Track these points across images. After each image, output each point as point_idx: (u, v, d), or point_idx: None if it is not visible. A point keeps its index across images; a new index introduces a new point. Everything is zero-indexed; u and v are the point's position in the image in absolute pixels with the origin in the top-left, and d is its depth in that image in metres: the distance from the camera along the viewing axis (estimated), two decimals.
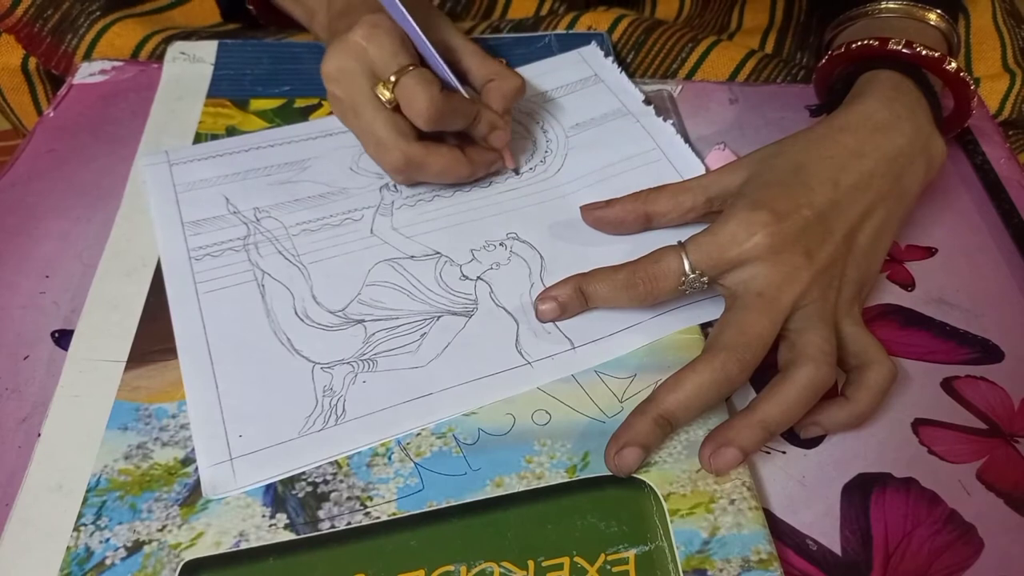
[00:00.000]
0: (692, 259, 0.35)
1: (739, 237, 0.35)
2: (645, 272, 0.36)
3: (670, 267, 0.36)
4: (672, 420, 0.33)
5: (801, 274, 0.34)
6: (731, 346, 0.33)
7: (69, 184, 0.44)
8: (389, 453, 0.33)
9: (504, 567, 0.30)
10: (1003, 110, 0.53)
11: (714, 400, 0.33)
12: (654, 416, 0.32)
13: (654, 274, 0.36)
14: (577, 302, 0.37)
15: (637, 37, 0.54)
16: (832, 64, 0.44)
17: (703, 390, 0.32)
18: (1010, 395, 0.37)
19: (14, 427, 0.34)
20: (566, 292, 0.37)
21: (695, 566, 0.30)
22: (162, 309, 0.37)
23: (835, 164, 0.37)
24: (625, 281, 0.36)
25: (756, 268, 0.35)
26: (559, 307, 0.37)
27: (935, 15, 0.43)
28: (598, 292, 0.37)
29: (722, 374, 0.32)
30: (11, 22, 0.52)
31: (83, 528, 0.30)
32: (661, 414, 0.32)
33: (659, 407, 0.33)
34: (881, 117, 0.39)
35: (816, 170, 0.37)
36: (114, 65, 0.51)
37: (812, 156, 0.38)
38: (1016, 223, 0.43)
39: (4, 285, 0.39)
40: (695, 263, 0.35)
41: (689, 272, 0.35)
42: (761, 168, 0.38)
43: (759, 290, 0.34)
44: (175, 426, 0.33)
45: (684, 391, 0.32)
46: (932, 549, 0.32)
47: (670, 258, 0.36)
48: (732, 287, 0.36)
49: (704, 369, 0.33)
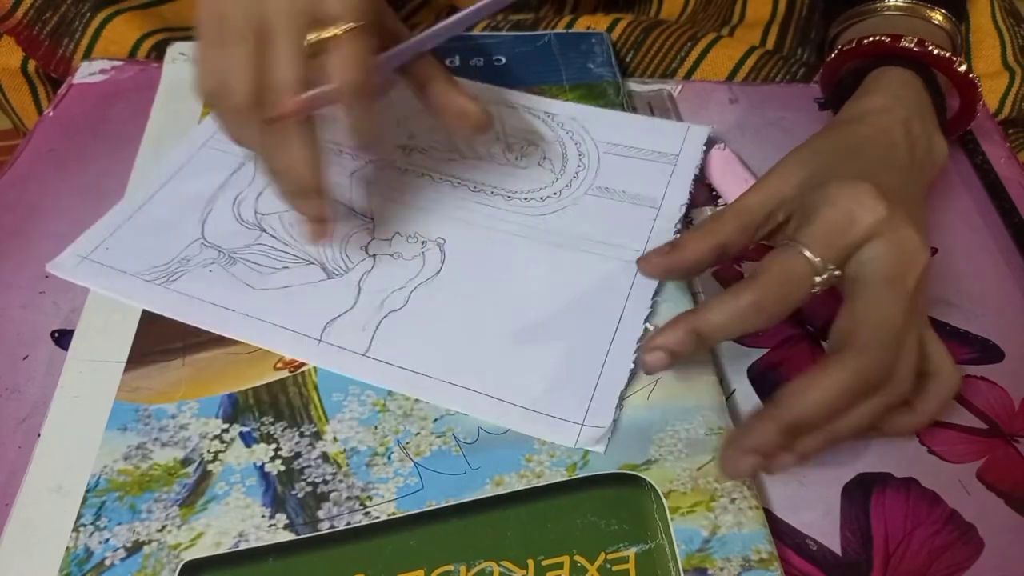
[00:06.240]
0: (817, 254, 0.31)
1: (856, 214, 0.31)
2: (775, 288, 0.31)
3: (798, 272, 0.31)
4: (802, 428, 0.30)
5: (920, 255, 0.31)
6: (874, 346, 0.30)
7: (69, 184, 0.44)
8: (389, 453, 0.33)
9: (504, 566, 0.30)
10: (1003, 109, 0.53)
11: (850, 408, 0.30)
12: (784, 424, 0.29)
13: (786, 286, 0.31)
14: (691, 345, 0.31)
15: (636, 37, 0.54)
16: (841, 59, 0.44)
17: (841, 396, 0.29)
18: (1010, 395, 0.37)
19: (14, 427, 0.34)
20: (676, 337, 0.31)
21: (695, 565, 0.30)
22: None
23: (882, 150, 0.36)
24: (753, 306, 0.31)
25: (878, 247, 0.31)
26: (669, 356, 0.31)
27: (940, 15, 0.43)
28: (718, 326, 0.31)
29: (865, 378, 0.30)
30: (11, 24, 0.52)
31: (83, 528, 0.30)
32: (792, 421, 0.29)
33: (790, 413, 0.30)
34: (893, 113, 0.38)
35: (869, 154, 0.35)
36: (114, 65, 0.51)
37: (857, 142, 0.36)
38: (1016, 223, 0.43)
39: (4, 285, 0.39)
40: (824, 258, 0.31)
41: (821, 270, 0.31)
42: (810, 159, 0.35)
43: (887, 274, 0.31)
44: (175, 426, 0.33)
45: (821, 395, 0.29)
46: (932, 549, 0.32)
47: (794, 262, 0.31)
48: (853, 273, 0.32)
49: (843, 372, 0.29)
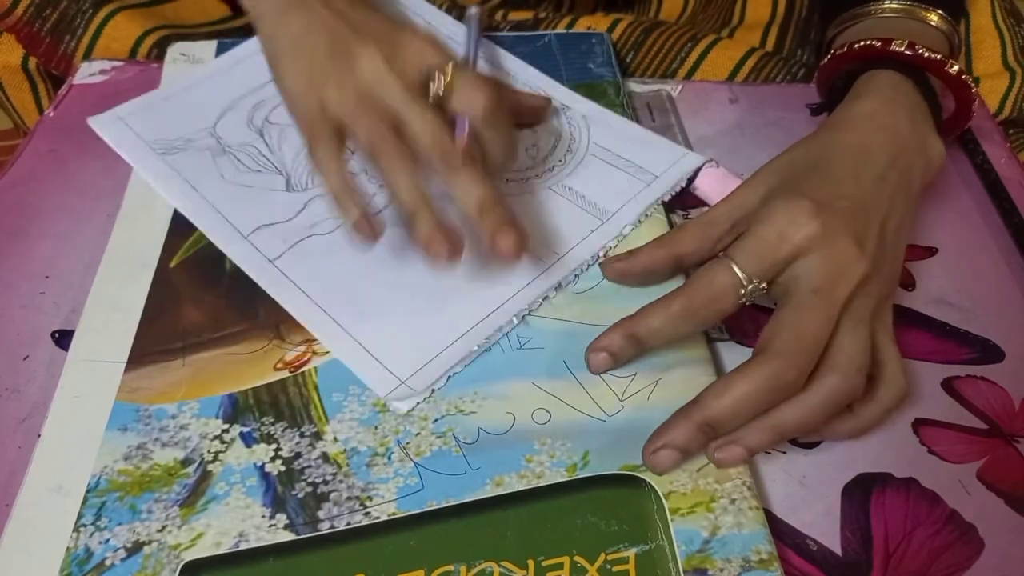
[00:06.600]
0: (745, 268, 0.33)
1: (787, 231, 0.33)
2: (701, 296, 0.33)
3: (724, 283, 0.33)
4: (717, 427, 0.31)
5: (855, 265, 0.33)
6: (788, 351, 0.31)
7: (69, 184, 0.44)
8: (389, 453, 0.33)
9: (504, 567, 0.30)
10: (1003, 109, 0.53)
11: (764, 408, 0.31)
12: (698, 421, 0.31)
13: (712, 296, 0.33)
14: (631, 349, 0.34)
15: (636, 37, 0.54)
16: (834, 63, 0.44)
17: (754, 397, 0.31)
18: (1010, 395, 0.37)
19: (14, 427, 0.34)
20: (616, 341, 0.34)
21: (695, 565, 0.30)
22: (162, 309, 0.37)
23: (852, 160, 0.36)
24: (683, 311, 0.33)
25: (810, 261, 0.33)
26: (611, 357, 0.34)
27: (936, 16, 0.43)
28: (653, 331, 0.34)
29: (777, 381, 0.31)
30: (11, 21, 0.52)
31: (83, 529, 0.30)
32: (706, 420, 0.31)
33: (705, 412, 0.31)
34: (880, 117, 0.38)
35: (836, 165, 0.36)
36: (114, 65, 0.51)
37: (828, 153, 0.37)
38: (1016, 223, 0.43)
39: (4, 285, 0.39)
40: (750, 272, 0.33)
41: (746, 283, 0.33)
42: (779, 171, 0.37)
43: (815, 286, 0.32)
44: (175, 427, 0.33)
45: (733, 397, 0.31)
46: (932, 549, 0.32)
47: (723, 275, 0.33)
48: (784, 283, 0.34)
49: (757, 376, 0.31)
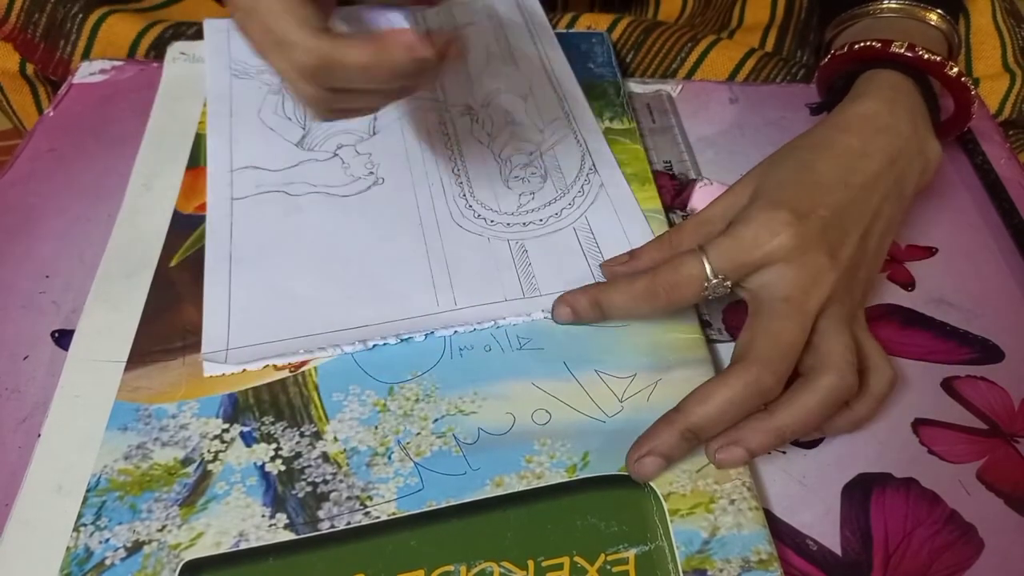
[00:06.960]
0: (714, 264, 0.34)
1: (761, 238, 0.34)
2: (666, 280, 0.35)
3: (692, 273, 0.34)
4: (699, 434, 0.32)
5: (827, 276, 0.34)
6: (765, 358, 0.32)
7: (69, 184, 0.44)
8: (389, 453, 0.33)
9: (504, 567, 0.30)
10: (1003, 110, 0.53)
11: (745, 414, 0.32)
12: (680, 428, 0.32)
13: (675, 282, 0.34)
14: (593, 313, 0.36)
15: (636, 37, 0.54)
16: (834, 64, 0.44)
17: (734, 404, 0.32)
18: (1010, 395, 0.37)
19: (14, 427, 0.34)
20: (583, 303, 0.36)
21: (695, 566, 0.30)
22: (162, 309, 0.37)
23: (843, 165, 0.37)
24: (645, 291, 0.35)
25: (780, 270, 0.34)
26: (573, 314, 0.36)
27: (936, 15, 0.43)
28: (615, 304, 0.36)
29: (756, 387, 0.32)
30: (7, 30, 0.52)
31: (83, 528, 0.30)
32: (688, 427, 0.32)
33: (687, 420, 0.32)
34: (881, 118, 0.39)
35: (825, 170, 0.37)
36: (114, 65, 0.51)
37: (819, 157, 0.37)
38: (1016, 223, 0.43)
39: (4, 285, 0.39)
40: (718, 268, 0.34)
41: (711, 277, 0.34)
42: (769, 172, 0.38)
43: (786, 294, 0.33)
44: (175, 426, 0.33)
45: (715, 404, 0.32)
46: (932, 549, 0.32)
47: (691, 264, 0.34)
48: (755, 290, 0.35)
49: (736, 382, 0.32)
